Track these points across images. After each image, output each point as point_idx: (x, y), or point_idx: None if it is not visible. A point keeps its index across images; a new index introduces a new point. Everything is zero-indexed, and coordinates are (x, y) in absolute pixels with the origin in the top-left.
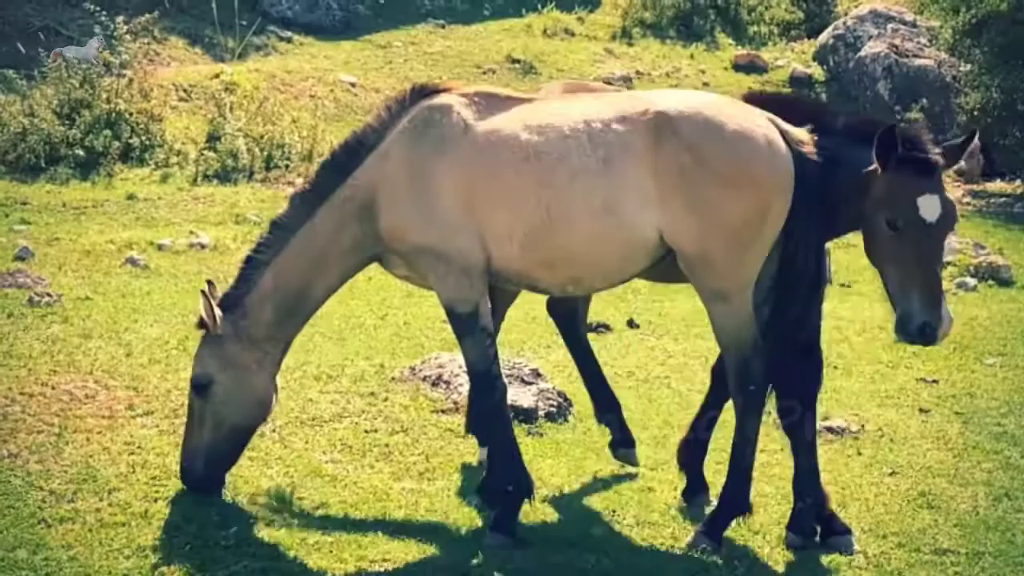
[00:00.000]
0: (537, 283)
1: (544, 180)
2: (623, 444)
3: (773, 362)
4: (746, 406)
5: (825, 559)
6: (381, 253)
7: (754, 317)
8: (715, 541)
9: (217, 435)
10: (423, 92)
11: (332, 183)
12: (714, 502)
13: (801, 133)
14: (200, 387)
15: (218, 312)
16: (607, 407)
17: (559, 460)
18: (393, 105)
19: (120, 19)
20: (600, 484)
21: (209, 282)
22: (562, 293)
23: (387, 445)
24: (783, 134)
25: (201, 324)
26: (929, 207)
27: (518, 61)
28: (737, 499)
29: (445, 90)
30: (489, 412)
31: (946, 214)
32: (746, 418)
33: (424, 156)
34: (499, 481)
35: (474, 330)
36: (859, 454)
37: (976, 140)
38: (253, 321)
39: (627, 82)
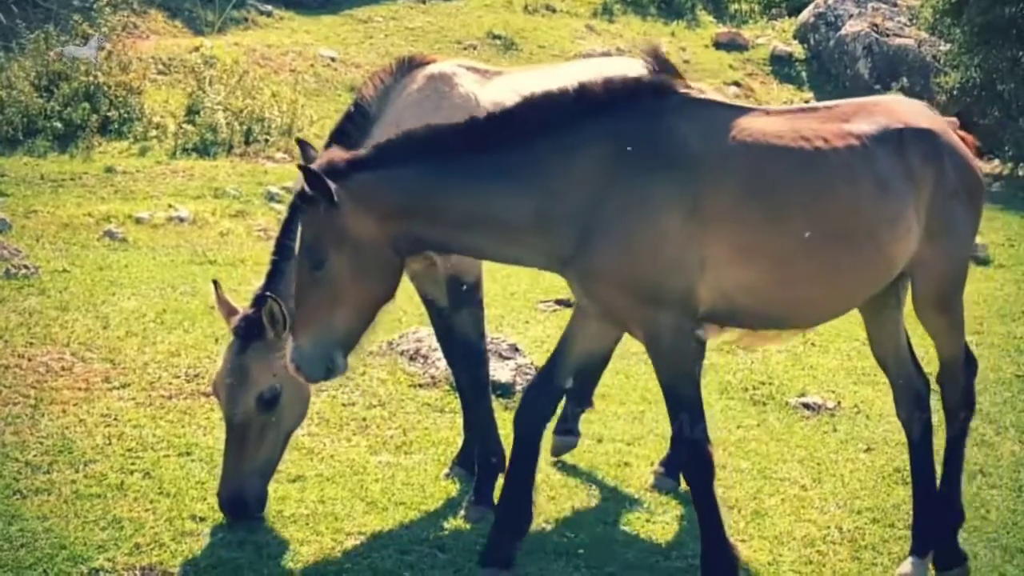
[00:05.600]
0: None
1: None
2: None
3: None
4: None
5: (799, 533)
6: None
7: None
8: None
9: (275, 449)
10: (411, 63)
11: None
12: None
13: None
14: (270, 401)
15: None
16: None
17: None
18: (385, 76)
19: None
20: (576, 459)
21: (215, 282)
22: None
23: (364, 419)
24: None
25: (247, 331)
26: None
27: (499, 37)
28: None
29: (431, 61)
30: (475, 384)
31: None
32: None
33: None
34: (485, 451)
35: (473, 302)
36: (835, 430)
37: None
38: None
39: None
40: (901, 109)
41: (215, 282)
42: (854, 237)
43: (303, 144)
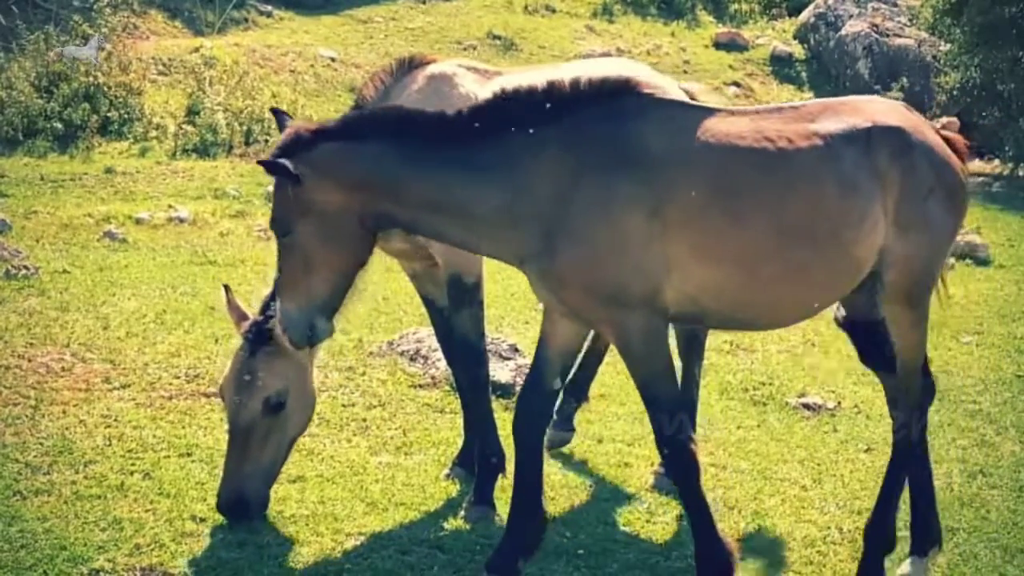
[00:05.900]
0: None
1: None
2: None
3: None
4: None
5: (800, 533)
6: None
7: None
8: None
9: (279, 452)
10: (411, 64)
11: None
12: None
13: None
14: (276, 405)
15: None
16: None
17: None
18: (385, 77)
19: None
20: (576, 459)
21: (226, 287)
22: None
23: (364, 419)
24: None
25: (257, 337)
26: None
27: (499, 37)
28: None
29: (432, 61)
30: (475, 384)
31: None
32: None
33: None
34: (485, 451)
35: (474, 301)
36: (835, 431)
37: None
38: None
39: None
40: (870, 108)
41: (226, 286)
42: (819, 237)
43: (278, 113)
